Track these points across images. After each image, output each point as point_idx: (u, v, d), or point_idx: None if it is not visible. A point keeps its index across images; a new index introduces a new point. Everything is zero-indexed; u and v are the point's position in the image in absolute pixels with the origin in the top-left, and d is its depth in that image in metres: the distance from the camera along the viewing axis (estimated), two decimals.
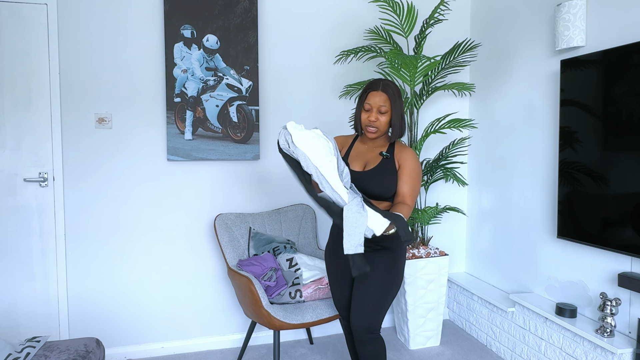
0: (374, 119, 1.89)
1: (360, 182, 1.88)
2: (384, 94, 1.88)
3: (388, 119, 1.90)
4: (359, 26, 3.10)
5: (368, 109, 1.90)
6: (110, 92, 2.73)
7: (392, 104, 1.89)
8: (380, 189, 1.87)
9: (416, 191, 1.89)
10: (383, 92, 1.88)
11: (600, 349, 2.12)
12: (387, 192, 1.88)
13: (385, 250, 1.92)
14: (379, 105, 1.88)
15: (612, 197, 2.13)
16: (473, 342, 3.05)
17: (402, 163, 1.90)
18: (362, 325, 1.88)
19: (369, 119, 1.89)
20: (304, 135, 1.73)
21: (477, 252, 3.32)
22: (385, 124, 1.90)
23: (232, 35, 2.84)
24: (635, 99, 2.00)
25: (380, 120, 1.89)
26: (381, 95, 1.88)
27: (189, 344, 2.92)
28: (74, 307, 2.75)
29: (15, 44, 2.58)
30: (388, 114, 1.89)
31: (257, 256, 2.66)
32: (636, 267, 2.09)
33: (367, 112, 1.91)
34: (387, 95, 1.89)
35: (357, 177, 1.90)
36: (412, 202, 1.86)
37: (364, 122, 1.92)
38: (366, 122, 1.91)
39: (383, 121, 1.89)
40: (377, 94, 1.89)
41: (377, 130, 1.90)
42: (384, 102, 1.88)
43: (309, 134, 1.75)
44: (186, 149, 2.81)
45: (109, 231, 2.77)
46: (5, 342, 1.83)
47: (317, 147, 1.72)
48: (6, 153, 2.61)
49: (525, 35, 2.79)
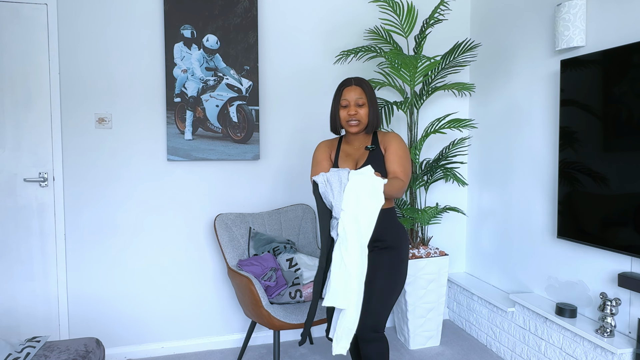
0: (353, 112, 1.92)
1: None
2: (358, 88, 1.94)
3: (367, 110, 1.94)
4: (359, 26, 3.10)
5: (345, 105, 1.94)
6: (110, 92, 2.73)
7: (367, 96, 1.94)
8: None
9: (407, 168, 1.92)
10: (357, 86, 1.94)
11: (600, 349, 2.12)
12: None
13: (389, 249, 1.92)
14: (356, 99, 1.93)
15: (612, 197, 2.13)
16: (473, 342, 3.05)
17: (387, 147, 1.95)
18: (367, 324, 1.87)
19: (348, 114, 1.93)
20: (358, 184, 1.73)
21: (477, 252, 3.32)
22: (366, 116, 1.94)
23: (232, 35, 2.84)
24: (635, 99, 2.00)
25: (359, 113, 1.93)
26: (356, 89, 1.94)
27: (189, 344, 2.92)
28: (74, 307, 2.75)
29: (15, 44, 2.58)
30: (366, 105, 1.94)
31: (257, 256, 2.66)
32: (636, 267, 2.09)
33: (345, 108, 1.94)
34: (362, 88, 1.94)
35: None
36: (405, 177, 1.89)
37: (344, 118, 1.95)
38: (346, 118, 1.94)
39: (362, 113, 1.93)
40: (352, 88, 1.94)
41: (359, 123, 1.94)
42: (360, 94, 1.93)
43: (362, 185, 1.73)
44: (186, 149, 2.81)
45: (109, 231, 2.77)
46: (5, 342, 1.83)
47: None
48: (6, 153, 2.61)
49: (525, 35, 2.79)
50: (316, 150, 2.08)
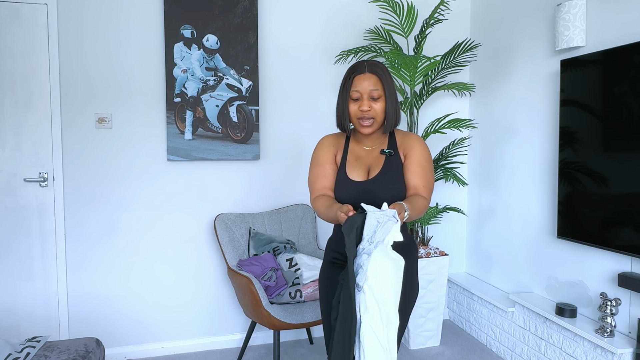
0: (367, 108, 1.55)
1: (367, 193, 1.56)
2: (373, 76, 1.56)
3: (383, 104, 1.57)
4: (359, 26, 3.10)
5: (357, 98, 1.57)
6: (110, 92, 2.73)
7: (384, 86, 1.56)
8: (393, 196, 1.54)
9: (430, 182, 1.59)
10: (371, 74, 1.56)
11: (600, 349, 2.12)
12: (401, 198, 1.57)
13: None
14: (370, 90, 1.55)
15: (612, 197, 2.13)
16: (473, 342, 3.05)
17: (408, 152, 1.61)
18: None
19: (360, 110, 1.56)
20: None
21: (477, 252, 3.32)
22: (382, 112, 1.57)
23: (232, 35, 2.84)
24: (635, 99, 2.00)
25: (374, 109, 1.56)
26: (370, 78, 1.55)
27: (189, 344, 2.92)
28: (74, 307, 2.75)
29: (15, 44, 2.58)
30: (382, 98, 1.57)
31: (257, 256, 2.66)
32: (636, 267, 2.09)
33: (356, 102, 1.57)
34: (377, 76, 1.56)
35: (362, 187, 1.58)
36: (428, 194, 1.57)
37: (355, 114, 1.58)
38: (358, 114, 1.57)
39: (378, 109, 1.57)
40: (365, 77, 1.56)
41: (374, 122, 1.58)
42: (375, 85, 1.55)
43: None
44: (186, 149, 2.81)
45: (109, 231, 2.77)
46: (5, 342, 1.83)
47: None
48: (6, 153, 2.61)
49: (525, 35, 2.79)
50: (318, 147, 1.70)
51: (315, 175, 1.65)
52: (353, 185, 1.59)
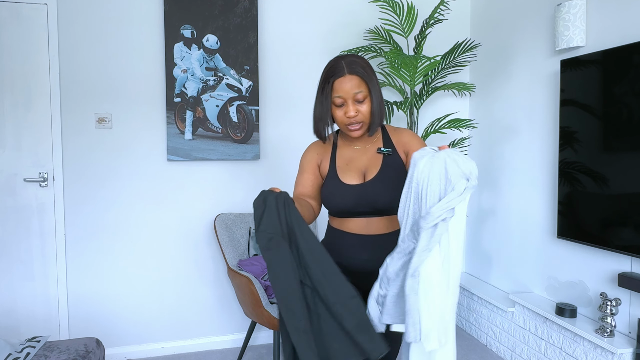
0: (353, 114, 1.43)
1: (367, 197, 1.46)
2: (354, 77, 1.42)
3: (369, 105, 1.45)
4: (359, 26, 3.10)
5: (340, 104, 1.44)
6: (110, 92, 2.72)
7: (368, 85, 1.44)
8: (395, 199, 1.38)
9: None
10: (352, 75, 1.42)
11: (600, 349, 2.12)
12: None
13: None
14: (354, 94, 1.42)
15: (612, 197, 2.13)
16: (473, 342, 3.05)
17: (409, 148, 1.49)
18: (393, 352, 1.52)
19: (347, 116, 1.44)
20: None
21: (477, 252, 3.32)
22: (369, 113, 1.45)
23: (232, 35, 2.84)
24: (635, 99, 2.00)
25: (361, 112, 1.44)
26: (352, 80, 1.42)
27: (189, 344, 2.92)
28: (74, 307, 2.75)
29: (15, 44, 2.58)
30: (368, 98, 1.44)
31: (257, 256, 2.66)
32: (636, 267, 2.09)
33: (341, 108, 1.45)
34: (359, 76, 1.42)
35: (360, 190, 1.47)
36: None
37: (342, 121, 1.46)
38: (345, 121, 1.45)
39: (366, 111, 1.44)
40: (346, 79, 1.42)
41: (362, 125, 1.47)
42: (358, 86, 1.42)
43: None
44: (186, 149, 2.81)
45: (109, 231, 2.77)
46: (5, 342, 1.83)
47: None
48: (6, 153, 2.61)
49: (525, 35, 2.79)
50: (303, 153, 1.63)
51: (296, 181, 1.61)
52: (349, 189, 1.49)
